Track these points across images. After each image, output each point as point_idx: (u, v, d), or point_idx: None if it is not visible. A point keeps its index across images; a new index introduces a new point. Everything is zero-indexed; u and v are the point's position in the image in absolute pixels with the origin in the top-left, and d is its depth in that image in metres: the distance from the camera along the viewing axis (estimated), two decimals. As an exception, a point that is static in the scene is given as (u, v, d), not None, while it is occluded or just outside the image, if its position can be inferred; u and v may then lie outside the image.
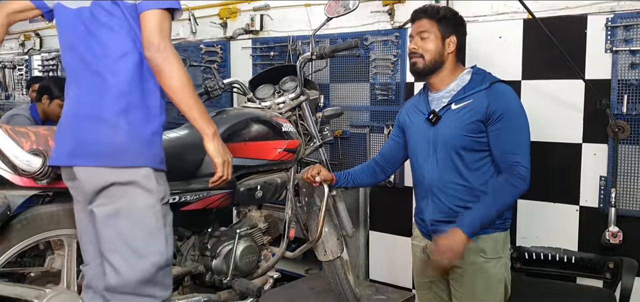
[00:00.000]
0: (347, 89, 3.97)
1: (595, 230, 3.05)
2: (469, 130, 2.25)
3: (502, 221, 2.33)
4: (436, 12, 2.35)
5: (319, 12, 3.85)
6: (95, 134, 1.83)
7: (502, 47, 3.27)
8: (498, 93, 2.26)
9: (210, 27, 4.69)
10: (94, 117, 1.84)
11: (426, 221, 2.39)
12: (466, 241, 2.16)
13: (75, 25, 1.90)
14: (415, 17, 2.39)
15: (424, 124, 2.38)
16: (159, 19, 1.79)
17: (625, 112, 2.92)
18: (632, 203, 2.96)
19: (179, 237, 2.50)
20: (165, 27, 1.81)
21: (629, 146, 2.94)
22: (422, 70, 2.35)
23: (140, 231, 1.88)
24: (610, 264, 2.84)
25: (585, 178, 3.09)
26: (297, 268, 4.03)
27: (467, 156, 2.27)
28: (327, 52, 2.94)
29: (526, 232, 3.27)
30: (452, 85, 2.36)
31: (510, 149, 2.20)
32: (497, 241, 2.32)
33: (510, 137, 2.22)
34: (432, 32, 2.33)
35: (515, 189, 2.19)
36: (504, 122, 2.21)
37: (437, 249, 2.21)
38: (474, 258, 2.29)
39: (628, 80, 2.91)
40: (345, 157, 3.98)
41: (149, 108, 1.90)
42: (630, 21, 2.87)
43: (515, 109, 2.26)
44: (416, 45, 2.35)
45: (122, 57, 1.84)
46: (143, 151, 1.87)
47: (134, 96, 1.86)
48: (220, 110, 2.77)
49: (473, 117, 2.24)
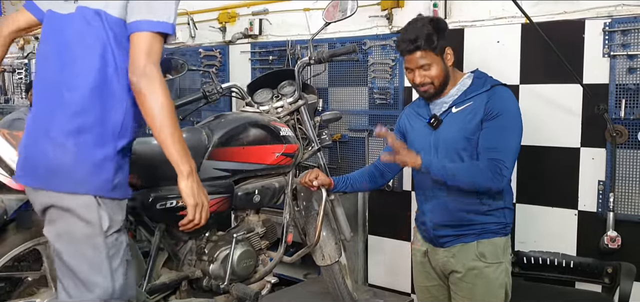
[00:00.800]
0: (345, 93, 3.97)
1: (593, 234, 3.04)
2: (471, 132, 2.25)
3: (502, 226, 2.33)
4: (427, 40, 2.24)
5: (317, 17, 3.86)
6: (40, 154, 1.72)
7: (500, 51, 3.27)
8: (498, 94, 2.27)
9: (209, 31, 4.70)
10: (42, 136, 1.72)
11: (428, 225, 2.39)
12: (416, 165, 2.19)
13: (57, 33, 1.79)
14: (408, 52, 2.28)
15: (425, 129, 2.37)
16: (150, 41, 1.69)
17: (623, 116, 2.92)
18: (631, 208, 2.95)
19: (176, 241, 2.50)
20: (155, 50, 1.70)
21: (627, 151, 2.94)
22: (435, 93, 2.34)
23: (81, 262, 1.75)
24: (609, 269, 2.84)
25: (584, 182, 3.08)
26: (296, 273, 4.02)
27: (469, 159, 2.26)
28: (325, 57, 2.94)
29: (525, 237, 3.26)
30: (453, 90, 2.35)
31: (497, 147, 2.19)
32: (497, 245, 2.31)
33: (500, 136, 2.21)
34: (431, 60, 2.27)
35: (488, 181, 2.18)
36: (498, 121, 2.21)
37: (401, 146, 2.24)
38: (473, 263, 2.29)
39: (626, 84, 2.91)
40: (344, 161, 3.98)
41: (107, 129, 1.74)
42: (628, 26, 2.88)
43: (513, 112, 2.25)
44: (421, 77, 2.29)
45: (85, 72, 1.71)
46: (87, 177, 1.71)
47: (89, 115, 1.71)
48: (219, 114, 2.77)
49: (474, 118, 2.25)
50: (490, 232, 2.30)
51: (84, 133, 1.70)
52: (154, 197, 2.26)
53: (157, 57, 1.70)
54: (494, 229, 2.31)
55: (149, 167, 2.25)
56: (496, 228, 2.31)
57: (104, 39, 1.72)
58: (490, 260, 2.29)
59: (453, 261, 2.34)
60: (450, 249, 2.35)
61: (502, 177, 2.17)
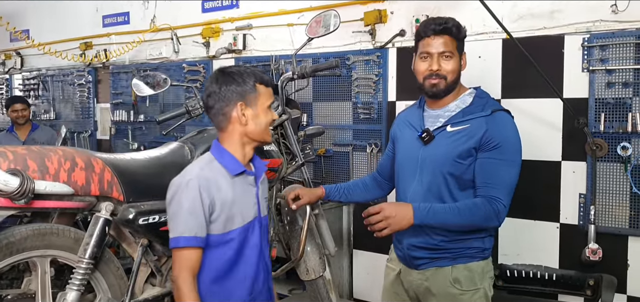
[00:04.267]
0: (329, 108, 3.98)
1: (575, 247, 3.07)
2: (461, 157, 2.07)
3: (479, 250, 2.16)
4: (458, 29, 2.14)
5: (301, 32, 3.88)
6: None
7: (482, 66, 3.31)
8: (499, 122, 2.09)
9: (193, 46, 4.70)
10: None
11: (403, 245, 2.23)
12: (409, 225, 2.03)
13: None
14: (434, 32, 2.12)
15: (414, 141, 2.20)
16: (176, 256, 1.80)
17: (603, 130, 2.96)
18: (611, 220, 2.99)
19: (159, 257, 2.48)
20: (177, 260, 1.80)
21: (606, 164, 2.98)
22: (443, 92, 2.15)
23: None
24: (591, 281, 2.86)
25: (565, 195, 3.12)
26: (281, 288, 4.00)
27: (454, 184, 2.09)
28: (308, 72, 2.95)
29: (507, 250, 3.29)
30: (452, 105, 2.17)
31: (495, 183, 2.04)
32: (473, 271, 2.14)
33: (499, 170, 2.05)
34: (453, 51, 2.12)
35: (486, 220, 2.04)
36: (496, 153, 2.05)
37: (384, 209, 2.03)
38: (448, 289, 2.14)
39: (605, 98, 2.96)
40: (328, 175, 3.98)
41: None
42: (606, 41, 2.93)
43: (513, 143, 2.09)
44: (439, 66, 2.11)
45: None
46: None
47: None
48: (202, 129, 2.76)
49: (467, 142, 2.07)
50: (466, 257, 2.14)
51: None
52: (136, 212, 2.24)
53: (181, 263, 1.79)
54: (470, 253, 2.14)
55: (131, 182, 2.24)
56: (473, 252, 2.15)
57: None
58: (466, 287, 2.13)
59: (426, 284, 2.18)
60: (424, 272, 2.19)
61: (499, 218, 2.03)
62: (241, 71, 1.90)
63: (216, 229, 1.84)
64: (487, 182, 2.05)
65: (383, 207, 2.04)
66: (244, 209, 1.90)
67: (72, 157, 2.07)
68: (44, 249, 2.08)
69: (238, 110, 1.86)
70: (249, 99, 1.87)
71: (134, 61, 5.23)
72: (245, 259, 1.91)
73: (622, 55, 2.91)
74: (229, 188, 1.86)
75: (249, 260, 1.92)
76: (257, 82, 1.88)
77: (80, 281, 2.09)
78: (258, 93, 1.88)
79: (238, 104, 1.86)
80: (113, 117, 5.42)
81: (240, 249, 1.89)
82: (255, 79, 1.89)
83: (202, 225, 1.79)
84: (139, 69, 5.07)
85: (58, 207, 2.07)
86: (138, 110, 5.21)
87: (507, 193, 2.06)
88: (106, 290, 2.27)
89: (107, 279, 2.26)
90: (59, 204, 2.05)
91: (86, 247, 2.11)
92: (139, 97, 4.98)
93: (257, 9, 4.32)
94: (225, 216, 1.84)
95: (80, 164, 2.07)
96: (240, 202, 1.88)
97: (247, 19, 4.37)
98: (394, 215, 2.02)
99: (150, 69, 4.84)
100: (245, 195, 1.91)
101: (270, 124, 1.95)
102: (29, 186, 1.89)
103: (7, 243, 2.00)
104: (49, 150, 2.04)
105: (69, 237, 2.15)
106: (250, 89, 1.87)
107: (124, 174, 2.22)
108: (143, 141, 5.15)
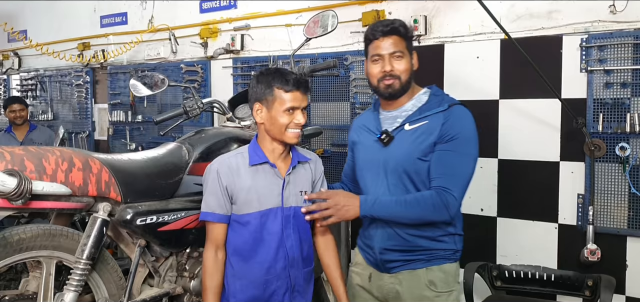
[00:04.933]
0: (328, 108, 3.98)
1: (573, 247, 3.07)
2: (423, 153, 2.06)
3: (452, 252, 2.15)
4: (405, 29, 2.14)
5: (299, 33, 3.87)
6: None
7: (480, 66, 3.31)
8: (456, 115, 2.08)
9: (191, 46, 4.70)
10: None
11: (375, 249, 2.18)
12: (355, 216, 2.05)
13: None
14: (383, 34, 2.12)
15: (374, 144, 2.17)
16: (206, 227, 2.13)
17: (601, 130, 2.96)
18: (610, 220, 2.99)
19: (157, 258, 2.47)
20: (206, 232, 2.12)
21: (605, 164, 2.98)
22: (398, 92, 2.14)
23: None
24: (589, 282, 2.86)
25: (564, 196, 3.12)
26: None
27: (420, 181, 2.07)
28: (306, 72, 2.94)
29: (506, 250, 3.29)
30: (408, 105, 2.16)
31: (448, 174, 2.02)
32: (447, 273, 2.13)
33: (453, 162, 2.03)
34: (403, 51, 2.12)
35: (434, 212, 2.01)
36: (452, 145, 2.03)
37: (333, 197, 2.07)
38: (423, 292, 2.11)
39: (603, 99, 2.96)
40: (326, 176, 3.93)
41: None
42: (604, 41, 2.93)
43: (468, 135, 2.07)
44: (392, 66, 2.11)
45: None
46: None
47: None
48: (199, 129, 2.75)
49: (428, 139, 2.06)
50: (440, 258, 2.12)
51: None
52: (134, 213, 2.23)
53: (207, 237, 2.12)
54: (443, 255, 2.12)
55: (129, 183, 2.23)
56: (446, 254, 2.13)
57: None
58: (441, 288, 2.11)
59: (399, 288, 2.14)
60: (396, 275, 2.15)
61: (448, 209, 2.01)
62: (269, 72, 2.06)
63: (236, 209, 2.07)
64: (440, 174, 2.04)
65: (331, 194, 2.11)
66: (263, 196, 2.06)
67: (70, 157, 2.06)
68: (52, 250, 2.07)
69: (255, 109, 2.07)
70: (267, 101, 2.03)
71: (132, 61, 5.22)
72: (263, 243, 2.08)
73: (620, 56, 2.92)
74: (248, 176, 2.06)
75: (266, 244, 2.08)
76: (277, 86, 2.02)
77: (78, 282, 2.08)
78: (275, 96, 2.02)
79: (257, 103, 2.06)
80: (111, 118, 5.42)
81: (257, 232, 2.07)
82: (277, 82, 2.02)
83: (222, 204, 2.06)
84: (136, 69, 5.06)
85: (55, 207, 2.05)
86: (136, 111, 5.21)
87: (460, 185, 2.04)
88: (104, 291, 2.25)
89: (105, 280, 2.25)
90: (56, 204, 2.04)
91: (84, 248, 2.10)
92: (137, 97, 4.96)
93: (255, 10, 4.32)
94: (243, 200, 2.05)
95: (77, 165, 2.06)
96: (259, 189, 2.06)
97: (245, 19, 4.36)
98: (343, 205, 2.07)
99: (148, 70, 4.83)
100: (267, 184, 2.08)
101: (290, 126, 2.04)
102: (27, 186, 1.88)
103: (18, 239, 1.99)
104: (47, 150, 2.03)
105: (76, 241, 2.14)
106: (268, 91, 2.03)
107: (121, 174, 2.21)
108: (141, 142, 5.14)
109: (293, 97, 2.03)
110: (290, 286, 2.12)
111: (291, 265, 2.11)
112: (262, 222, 2.07)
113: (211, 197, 2.07)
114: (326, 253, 2.25)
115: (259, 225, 2.06)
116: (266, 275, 2.08)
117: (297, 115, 2.04)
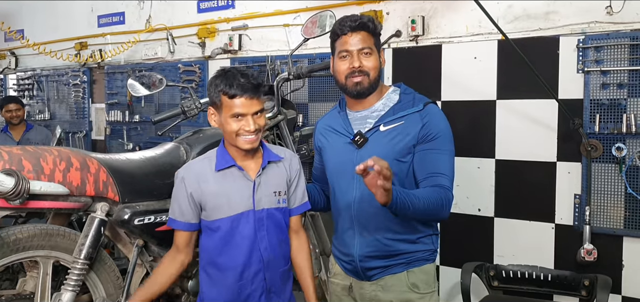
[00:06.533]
0: (325, 108, 3.98)
1: (570, 247, 3.08)
2: (401, 155, 2.00)
3: (430, 252, 2.11)
4: (374, 24, 2.09)
5: (297, 33, 3.88)
6: None
7: (478, 67, 3.32)
8: (434, 114, 2.04)
9: (189, 46, 4.69)
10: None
11: (354, 257, 2.10)
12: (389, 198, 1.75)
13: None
14: (351, 29, 2.06)
15: (346, 147, 2.09)
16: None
17: (598, 131, 2.97)
18: (606, 221, 3.00)
19: (154, 257, 2.47)
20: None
21: (602, 165, 2.99)
22: (367, 90, 2.07)
23: None
24: (586, 282, 2.87)
25: (560, 196, 3.13)
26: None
27: (397, 183, 1.98)
28: (304, 72, 2.95)
29: (503, 250, 3.29)
30: (378, 105, 2.11)
31: (441, 173, 1.98)
32: (428, 273, 2.10)
33: (442, 160, 2.00)
34: (372, 47, 2.06)
35: (440, 208, 1.94)
36: (436, 144, 2.00)
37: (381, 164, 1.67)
38: (407, 295, 2.07)
39: (600, 99, 2.97)
40: (324, 176, 3.97)
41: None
42: (601, 42, 2.94)
43: (447, 133, 2.04)
44: (360, 62, 2.04)
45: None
46: None
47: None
48: (197, 129, 2.75)
49: (405, 140, 2.00)
50: (420, 260, 2.08)
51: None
52: (131, 213, 2.23)
53: (175, 243, 2.08)
54: (422, 256, 2.09)
55: (127, 183, 2.23)
56: (425, 255, 2.09)
57: None
58: (423, 290, 2.07)
59: (382, 294, 2.09)
60: (377, 282, 2.10)
61: (450, 205, 1.97)
62: (218, 75, 1.94)
63: (205, 215, 2.01)
64: (432, 173, 1.98)
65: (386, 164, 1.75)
66: (233, 201, 1.98)
67: (68, 157, 2.06)
68: (49, 250, 2.07)
69: (209, 114, 2.00)
70: (216, 106, 1.96)
71: (129, 61, 5.21)
72: (236, 247, 1.99)
73: (616, 57, 2.93)
74: (215, 181, 1.98)
75: (239, 248, 1.99)
76: (222, 93, 1.90)
77: (76, 282, 2.08)
78: (222, 102, 1.92)
79: (210, 108, 2.00)
80: (108, 118, 5.41)
81: (228, 237, 1.99)
82: (221, 86, 1.90)
83: (184, 211, 2.01)
84: (134, 69, 5.05)
85: (53, 207, 2.06)
86: (133, 111, 5.20)
87: (452, 183, 2.01)
88: (101, 291, 2.26)
89: (103, 279, 2.25)
90: (54, 204, 2.04)
91: (81, 247, 2.10)
92: (134, 97, 4.97)
93: (253, 10, 4.32)
94: (212, 205, 1.98)
95: (75, 165, 2.06)
96: (228, 194, 1.97)
97: (243, 19, 4.36)
98: (390, 176, 1.73)
99: (146, 69, 4.83)
100: (237, 188, 1.98)
101: (240, 133, 1.91)
102: (24, 186, 1.88)
103: (15, 239, 1.99)
104: (44, 150, 2.03)
105: (74, 240, 2.14)
106: (216, 96, 1.93)
107: (119, 174, 2.21)
108: (138, 142, 5.14)
109: (239, 103, 1.89)
110: (265, 289, 2.04)
111: (266, 267, 2.02)
112: (234, 226, 1.98)
113: (175, 204, 2.02)
114: (299, 255, 2.15)
115: (230, 229, 1.97)
116: (240, 279, 2.00)
117: (246, 122, 1.91)
